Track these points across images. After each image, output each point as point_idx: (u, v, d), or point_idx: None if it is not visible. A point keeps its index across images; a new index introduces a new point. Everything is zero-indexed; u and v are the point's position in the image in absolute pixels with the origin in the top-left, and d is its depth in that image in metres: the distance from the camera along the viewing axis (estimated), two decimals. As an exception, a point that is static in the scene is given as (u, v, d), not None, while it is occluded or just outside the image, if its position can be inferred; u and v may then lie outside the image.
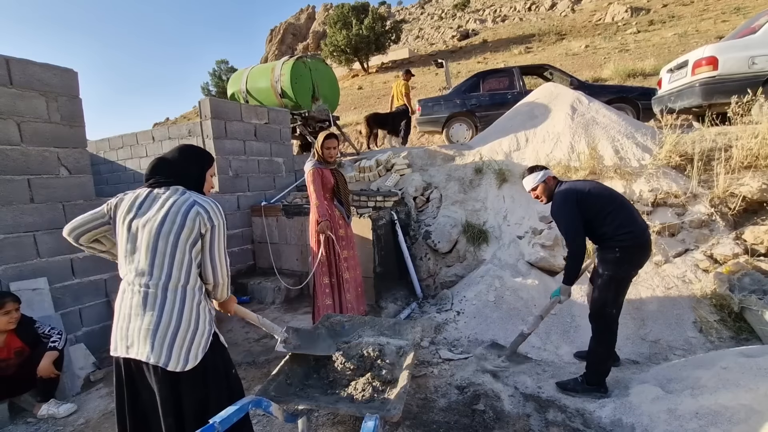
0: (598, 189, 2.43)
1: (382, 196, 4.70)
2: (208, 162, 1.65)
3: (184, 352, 1.41)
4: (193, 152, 1.62)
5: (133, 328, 1.42)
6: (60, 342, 2.58)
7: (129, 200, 1.50)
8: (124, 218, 1.47)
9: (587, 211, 2.34)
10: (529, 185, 2.61)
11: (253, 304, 4.42)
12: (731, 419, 1.83)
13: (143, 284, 1.42)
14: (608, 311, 2.33)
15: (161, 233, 1.40)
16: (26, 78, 2.97)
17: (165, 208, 1.43)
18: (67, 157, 3.19)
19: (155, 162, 1.55)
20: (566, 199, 2.37)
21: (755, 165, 3.58)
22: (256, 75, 6.99)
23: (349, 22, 24.96)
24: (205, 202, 1.48)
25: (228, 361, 1.63)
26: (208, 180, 1.65)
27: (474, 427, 2.17)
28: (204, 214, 1.44)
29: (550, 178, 2.58)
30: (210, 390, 1.50)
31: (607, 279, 2.31)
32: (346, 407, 1.65)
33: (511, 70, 7.25)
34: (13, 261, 2.87)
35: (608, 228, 2.31)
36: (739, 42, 4.54)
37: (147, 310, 1.40)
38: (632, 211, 2.40)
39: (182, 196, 1.46)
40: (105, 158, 6.94)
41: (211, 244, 1.48)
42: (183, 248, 1.42)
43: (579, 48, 17.17)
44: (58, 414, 2.55)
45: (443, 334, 3.32)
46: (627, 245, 2.28)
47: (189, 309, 1.44)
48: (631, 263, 2.34)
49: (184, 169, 1.55)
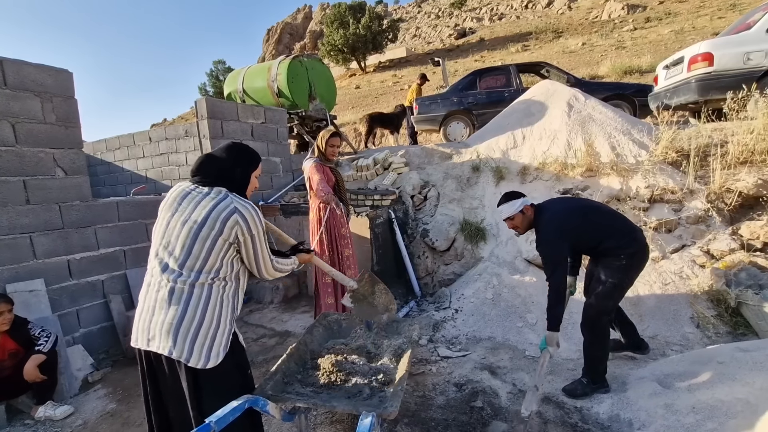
0: (589, 211, 2.35)
1: (379, 195, 4.70)
2: (254, 164, 1.64)
3: (206, 349, 1.42)
4: (241, 153, 1.60)
5: (156, 321, 1.43)
6: (46, 345, 2.55)
7: (173, 195, 1.51)
8: (164, 212, 1.50)
9: (584, 234, 2.27)
10: (505, 214, 2.42)
11: (252, 304, 4.42)
12: (727, 413, 1.83)
13: (172, 279, 1.43)
14: (605, 320, 2.31)
15: (199, 236, 1.41)
16: (20, 79, 2.96)
17: (206, 210, 1.43)
18: (62, 158, 3.18)
19: (203, 158, 1.55)
20: (557, 230, 2.25)
21: (751, 160, 3.59)
22: (253, 75, 6.98)
23: (346, 22, 24.93)
24: (245, 209, 1.47)
25: (245, 360, 1.66)
26: (252, 181, 1.65)
27: (472, 423, 2.17)
28: (243, 224, 1.45)
29: (528, 207, 2.39)
30: (229, 390, 1.50)
31: (611, 287, 2.25)
32: (344, 405, 1.65)
33: (508, 68, 7.25)
34: (9, 262, 2.86)
35: (613, 240, 2.24)
36: (735, 38, 4.55)
37: (172, 304, 1.41)
38: (624, 217, 2.39)
39: (224, 201, 1.45)
40: (102, 159, 6.92)
41: (255, 251, 1.52)
42: (218, 254, 1.44)
43: (576, 45, 17.19)
44: (55, 416, 2.54)
45: (441, 332, 3.32)
46: (633, 251, 2.24)
47: (213, 306, 1.45)
48: (638, 268, 2.30)
49: (230, 171, 1.54)
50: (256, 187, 1.70)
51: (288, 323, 3.84)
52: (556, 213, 2.34)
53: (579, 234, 2.26)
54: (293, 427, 1.92)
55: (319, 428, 2.23)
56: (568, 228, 2.25)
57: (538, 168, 4.42)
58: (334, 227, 3.19)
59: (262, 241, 1.53)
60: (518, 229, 2.47)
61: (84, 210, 3.30)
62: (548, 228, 2.28)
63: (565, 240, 2.23)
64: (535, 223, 2.38)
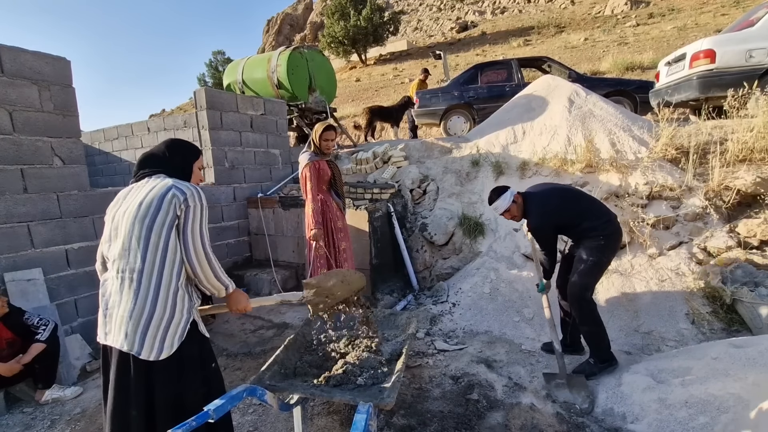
0: (567, 194, 2.61)
1: (378, 189, 4.70)
2: (193, 154, 1.64)
3: (158, 340, 1.38)
4: (178, 144, 1.63)
5: (111, 314, 1.43)
6: (44, 334, 2.56)
7: (118, 195, 1.53)
8: (109, 211, 1.50)
9: (566, 217, 2.50)
10: (501, 208, 2.58)
11: (250, 295, 4.42)
12: (720, 408, 1.86)
13: (120, 270, 1.41)
14: (588, 295, 2.46)
15: (137, 217, 1.40)
16: (18, 66, 2.93)
17: (143, 193, 1.43)
18: (60, 146, 3.16)
19: (142, 157, 1.57)
20: (542, 214, 2.51)
21: (750, 158, 3.59)
22: (253, 66, 6.93)
23: (347, 13, 24.65)
24: (185, 185, 1.46)
25: (208, 352, 1.58)
26: (195, 172, 1.64)
27: (467, 415, 2.19)
28: (180, 196, 1.41)
29: (517, 196, 2.59)
30: (185, 382, 1.46)
31: (591, 264, 2.44)
32: (341, 395, 1.67)
33: (510, 63, 7.20)
34: (6, 251, 2.86)
35: (591, 222, 2.46)
36: (737, 35, 4.53)
37: (123, 296, 1.40)
38: (601, 203, 2.64)
39: (162, 181, 1.45)
40: (100, 149, 6.89)
41: (185, 225, 1.42)
42: (159, 231, 1.39)
43: (578, 41, 17.07)
44: (65, 397, 2.61)
45: (439, 325, 3.34)
46: (609, 232, 2.45)
47: (164, 296, 1.40)
48: (614, 249, 2.52)
49: (168, 160, 1.55)
50: (201, 180, 1.68)
51: (286, 315, 3.85)
52: (538, 196, 2.59)
53: (560, 212, 2.50)
54: (289, 417, 1.93)
55: (316, 418, 2.25)
56: (549, 209, 2.51)
57: (538, 163, 4.42)
58: (330, 220, 3.18)
59: (197, 220, 1.45)
60: (516, 218, 2.65)
61: (82, 199, 3.29)
62: (536, 213, 2.54)
63: (550, 219, 2.51)
64: (526, 210, 2.60)
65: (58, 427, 2.39)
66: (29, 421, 2.47)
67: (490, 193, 2.65)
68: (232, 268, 4.78)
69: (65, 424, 2.42)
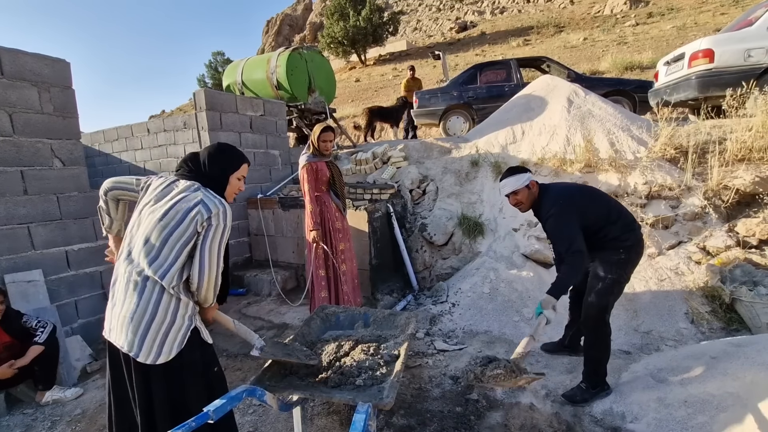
0: (593, 192, 2.33)
1: (378, 189, 4.70)
2: (232, 164, 1.58)
3: (156, 345, 1.39)
4: (221, 152, 1.57)
5: (115, 312, 1.43)
6: (42, 336, 2.55)
7: (154, 185, 1.51)
8: (142, 202, 1.49)
9: (590, 212, 2.17)
10: (510, 188, 2.27)
11: (249, 297, 4.44)
12: (718, 407, 1.86)
13: (128, 270, 1.42)
14: (607, 318, 2.23)
15: (158, 225, 1.40)
16: (17, 68, 2.94)
17: (172, 201, 1.42)
18: (60, 148, 3.17)
19: (188, 155, 1.57)
20: (567, 205, 2.15)
21: (749, 158, 3.59)
22: (252, 66, 6.94)
23: (347, 14, 24.66)
24: (213, 203, 1.43)
25: (210, 357, 1.58)
26: (232, 183, 1.59)
27: (467, 415, 2.20)
28: (205, 214, 1.40)
29: (534, 183, 2.29)
30: (187, 387, 1.47)
31: (610, 282, 2.17)
32: (341, 395, 1.67)
33: (509, 63, 7.21)
34: (7, 253, 2.86)
35: (615, 228, 2.17)
36: (736, 35, 4.53)
37: (128, 296, 1.40)
38: (627, 210, 2.32)
39: (192, 193, 1.44)
40: (100, 150, 6.88)
41: (203, 241, 1.42)
42: (173, 245, 1.40)
43: (577, 40, 17.08)
44: (66, 398, 2.60)
45: (438, 325, 3.35)
46: (631, 244, 2.18)
47: (167, 301, 1.41)
48: (635, 263, 2.25)
49: (205, 167, 1.53)
50: (240, 190, 1.65)
51: (286, 315, 3.86)
52: (565, 189, 2.30)
53: (586, 212, 2.15)
54: (290, 418, 1.94)
55: (316, 419, 2.26)
56: (577, 202, 2.17)
57: (537, 163, 4.42)
58: (328, 221, 3.19)
59: (217, 240, 1.43)
60: (522, 205, 2.31)
61: (82, 201, 3.30)
62: (558, 202, 2.16)
63: (575, 212, 2.12)
64: (540, 202, 2.26)
65: (59, 428, 2.39)
66: (30, 422, 2.47)
67: (505, 171, 2.35)
68: (232, 268, 4.79)
69: (66, 425, 2.42)
